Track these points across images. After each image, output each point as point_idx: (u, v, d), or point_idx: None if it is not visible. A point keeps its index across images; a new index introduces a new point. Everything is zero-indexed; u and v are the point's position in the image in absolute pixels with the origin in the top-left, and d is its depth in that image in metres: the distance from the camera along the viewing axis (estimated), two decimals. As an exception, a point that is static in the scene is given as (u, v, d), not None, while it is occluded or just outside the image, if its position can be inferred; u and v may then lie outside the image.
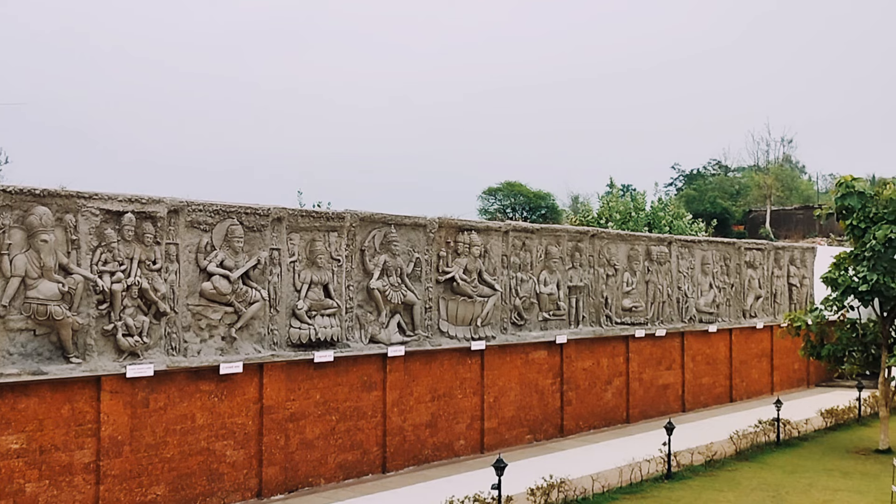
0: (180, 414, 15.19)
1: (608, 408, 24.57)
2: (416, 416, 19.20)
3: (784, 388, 32.34)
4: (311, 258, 17.19)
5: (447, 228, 19.90)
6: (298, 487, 16.90)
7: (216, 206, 15.72)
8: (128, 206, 14.47)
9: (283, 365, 16.65)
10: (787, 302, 32.61)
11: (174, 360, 14.98)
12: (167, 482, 14.91)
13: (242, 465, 16.04)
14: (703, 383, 28.37)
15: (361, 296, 18.13)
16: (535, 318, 22.15)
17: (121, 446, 14.28)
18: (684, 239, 28.05)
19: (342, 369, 17.75)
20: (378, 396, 18.46)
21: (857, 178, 21.68)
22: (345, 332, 17.72)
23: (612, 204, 45.74)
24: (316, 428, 17.26)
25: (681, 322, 27.25)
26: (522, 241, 21.84)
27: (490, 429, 20.87)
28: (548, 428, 22.57)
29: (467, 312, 20.24)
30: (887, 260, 20.99)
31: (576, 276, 23.39)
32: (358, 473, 18.00)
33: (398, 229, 18.76)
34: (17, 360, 13.22)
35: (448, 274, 19.79)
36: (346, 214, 17.81)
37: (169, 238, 15.05)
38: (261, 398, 16.34)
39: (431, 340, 19.41)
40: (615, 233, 25.30)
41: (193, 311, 15.37)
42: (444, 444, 19.82)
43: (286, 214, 16.79)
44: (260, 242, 16.37)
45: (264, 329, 16.37)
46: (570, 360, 23.19)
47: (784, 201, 70.06)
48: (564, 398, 23.00)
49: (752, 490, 17.63)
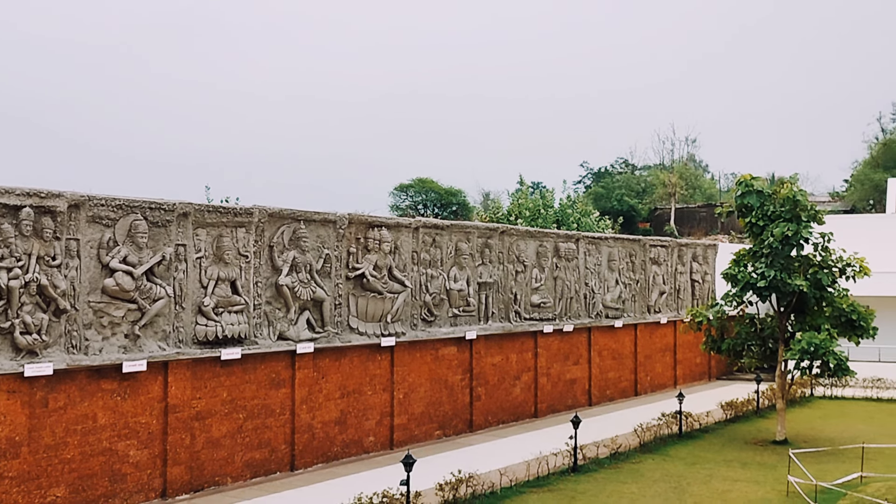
0: (81, 414, 14.80)
1: (517, 403, 24.85)
2: (326, 414, 19.10)
3: (687, 382, 33.21)
4: (218, 254, 16.93)
5: (357, 225, 19.83)
6: (204, 487, 16.64)
7: (119, 200, 15.34)
8: (26, 200, 14.02)
9: (188, 363, 16.37)
10: (690, 297, 33.49)
11: (75, 359, 14.58)
12: (67, 483, 14.51)
13: (146, 465, 15.71)
14: (609, 377, 28.93)
15: (270, 292, 17.94)
16: (445, 314, 22.25)
17: (18, 447, 13.84)
18: (592, 236, 28.55)
19: (250, 367, 17.54)
20: (287, 394, 18.30)
21: (756, 178, 22.38)
22: (253, 329, 17.51)
23: (521, 201, 46.25)
24: (223, 426, 17.02)
25: (588, 318, 27.72)
26: (433, 238, 21.91)
27: (400, 425, 20.89)
28: (457, 423, 22.71)
29: (377, 309, 20.21)
30: (784, 257, 21.73)
31: (485, 273, 23.57)
32: (266, 472, 17.81)
33: (308, 225, 18.62)
34: None
35: (358, 270, 19.73)
36: (254, 210, 17.60)
37: (69, 233, 14.62)
38: (165, 397, 16.03)
39: (341, 337, 19.33)
40: (524, 230, 25.58)
41: (95, 308, 14.98)
42: (354, 441, 19.76)
43: (192, 210, 16.49)
44: (165, 238, 16.04)
45: (169, 326, 16.06)
46: (479, 355, 23.37)
47: (688, 199, 71.87)
48: (474, 394, 23.16)
49: (655, 481, 18.07)
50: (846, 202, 65.72)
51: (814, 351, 20.98)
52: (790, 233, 21.33)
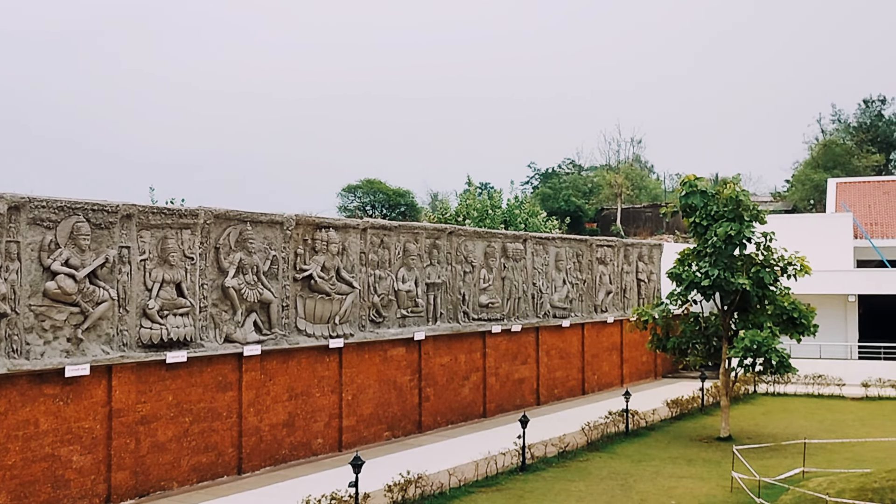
0: (22, 419, 14.51)
1: (466, 403, 24.92)
2: (273, 416, 18.96)
3: (633, 380, 33.59)
4: (163, 256, 16.73)
5: (305, 226, 19.72)
6: (150, 492, 16.43)
7: (61, 202, 15.07)
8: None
9: (133, 366, 16.14)
10: (636, 297, 33.88)
11: (15, 363, 14.29)
12: (9, 490, 14.22)
13: (90, 470, 15.46)
14: (556, 377, 29.14)
15: (216, 294, 17.77)
16: (393, 315, 22.23)
17: (-44, 455, 13.53)
18: (539, 236, 28.74)
19: (196, 370, 17.35)
20: (233, 397, 18.14)
21: (700, 178, 22.71)
22: (199, 331, 17.32)
23: (469, 202, 46.35)
24: (168, 430, 16.81)
25: (535, 317, 27.89)
26: (381, 239, 21.87)
27: (348, 427, 20.83)
28: (406, 424, 22.70)
29: (325, 310, 20.13)
30: (727, 256, 22.09)
31: (434, 273, 23.60)
32: (213, 475, 17.64)
33: (254, 226, 18.48)
34: None
35: (305, 272, 19.63)
36: (199, 211, 17.41)
37: (9, 236, 14.33)
38: (109, 401, 15.80)
39: (289, 339, 19.21)
40: (472, 230, 25.67)
41: (36, 311, 14.70)
42: (302, 444, 19.65)
43: (136, 211, 16.27)
44: (108, 240, 15.80)
45: (113, 330, 15.82)
46: (428, 356, 23.39)
47: (634, 199, 72.66)
48: (423, 394, 23.18)
49: (602, 479, 18.26)
50: (787, 202, 66.99)
51: (756, 348, 21.34)
52: (733, 232, 21.69)
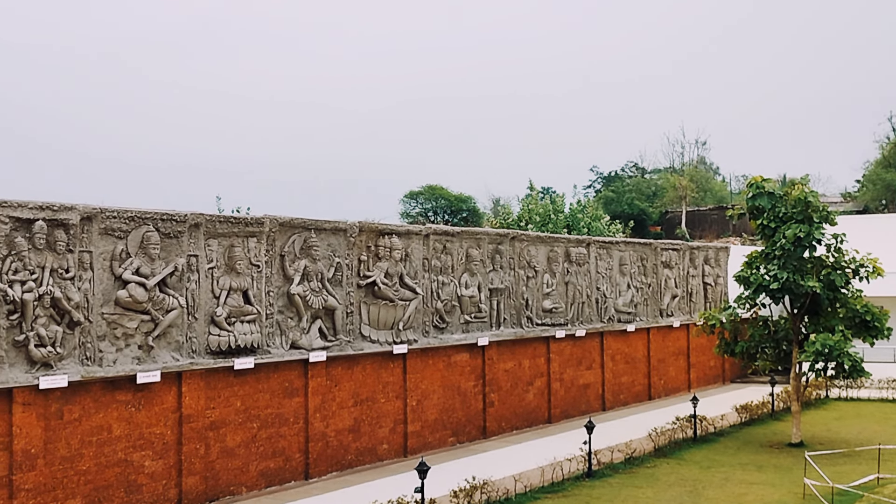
0: (96, 425, 14.86)
1: (530, 408, 24.81)
2: (339, 422, 19.11)
3: (701, 385, 33.09)
4: (230, 264, 16.99)
5: (368, 232, 19.86)
6: (220, 496, 16.67)
7: (131, 212, 15.41)
8: (38, 213, 14.10)
9: (202, 373, 16.41)
10: (703, 301, 33.39)
11: (89, 371, 14.65)
12: (83, 495, 14.56)
13: (161, 475, 15.76)
14: (622, 382, 28.86)
15: (282, 301, 17.98)
16: (456, 320, 22.25)
17: (34, 459, 13.90)
18: (602, 240, 28.51)
19: (263, 376, 17.57)
20: (300, 402, 18.32)
21: (767, 179, 22.32)
22: (265, 338, 17.54)
23: (531, 206, 46.21)
24: (237, 436, 17.05)
25: (600, 322, 27.67)
26: (443, 245, 21.92)
27: (413, 432, 20.89)
28: (471, 430, 22.69)
29: (389, 316, 20.23)
30: (796, 258, 21.66)
31: (496, 279, 23.57)
32: (280, 481, 17.84)
33: (318, 234, 18.67)
34: (-77, 374, 12.76)
35: (369, 278, 19.76)
36: (265, 220, 17.65)
37: (82, 246, 14.70)
38: (180, 407, 16.08)
39: (353, 345, 19.35)
40: (535, 235, 25.58)
41: (109, 319, 15.04)
42: (368, 449, 19.77)
43: (204, 220, 16.55)
44: (177, 249, 16.11)
45: (182, 337, 16.12)
46: (491, 361, 23.36)
47: (699, 202, 71.75)
48: (487, 400, 23.15)
49: (670, 486, 18.02)
50: (858, 202, 65.50)
51: (828, 352, 20.90)
52: (802, 234, 21.27)
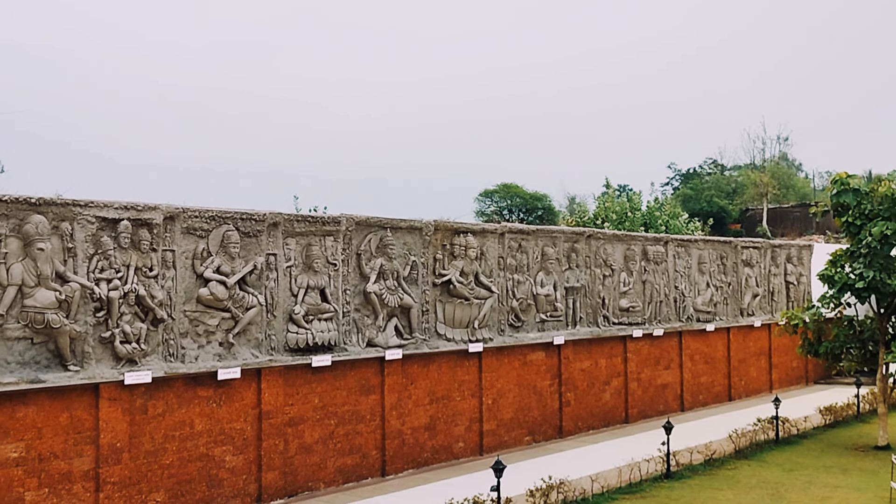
0: (179, 420, 15.20)
1: (607, 408, 24.59)
2: (415, 419, 19.21)
3: (783, 386, 32.37)
4: (307, 263, 17.21)
5: (443, 231, 19.92)
6: (298, 492, 16.91)
7: (212, 211, 15.73)
8: (123, 213, 14.49)
9: (280, 370, 16.67)
10: (785, 300, 32.65)
11: (172, 367, 15.00)
12: (167, 489, 14.92)
13: (242, 470, 16.05)
14: (701, 382, 28.40)
15: (358, 300, 18.15)
16: (532, 319, 22.17)
17: (120, 453, 14.29)
18: (681, 238, 28.10)
19: (340, 373, 17.76)
20: (376, 400, 18.47)
21: (852, 175, 21.72)
22: (342, 336, 17.73)
23: (608, 204, 45.77)
24: (315, 432, 17.27)
25: (678, 321, 27.28)
26: (519, 243, 21.86)
27: (489, 431, 20.88)
28: (547, 429, 22.59)
29: (464, 315, 20.26)
30: (883, 256, 21.04)
31: (572, 277, 23.42)
32: (357, 477, 18.01)
33: (394, 233, 18.78)
34: (15, 369, 13.23)
35: (444, 277, 19.82)
36: (342, 219, 17.84)
37: (165, 244, 15.06)
38: (259, 403, 16.35)
39: (429, 343, 19.43)
40: (611, 233, 25.33)
41: (191, 317, 15.38)
42: (443, 447, 19.83)
43: (282, 219, 16.80)
44: (256, 248, 16.39)
45: (261, 334, 16.39)
46: (567, 361, 23.22)
47: (780, 199, 70.14)
48: (563, 399, 23.01)
49: (752, 488, 17.66)
50: (949, 199, 63.19)
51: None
52: (889, 232, 20.63)
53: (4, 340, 13.15)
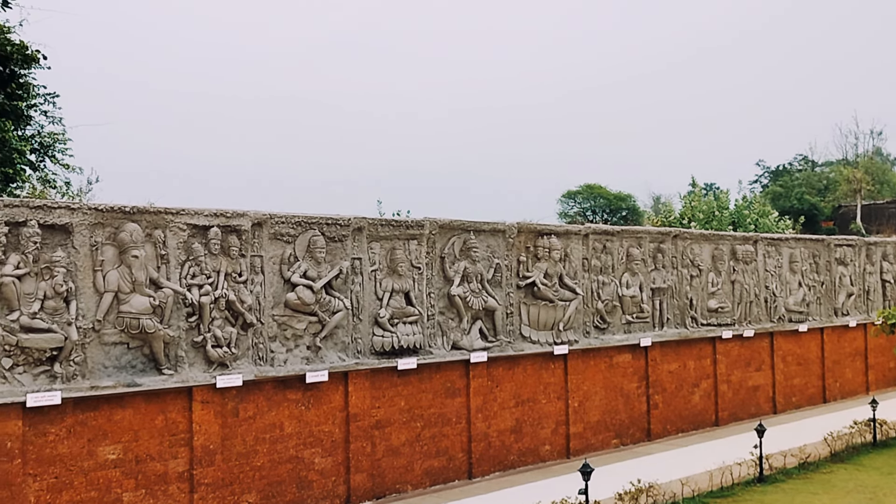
0: (269, 423, 15.49)
1: (696, 411, 24.17)
2: (501, 422, 19.19)
3: (880, 388, 31.34)
4: (391, 266, 17.35)
5: (526, 233, 19.86)
6: (386, 494, 17.05)
7: (298, 217, 16.00)
8: (213, 220, 14.84)
9: (367, 373, 16.84)
10: (881, 299, 31.60)
11: (262, 370, 15.29)
12: (258, 490, 15.21)
13: (331, 472, 16.26)
14: (794, 384, 27.69)
15: (443, 303, 18.22)
16: (618, 321, 21.95)
17: (213, 455, 14.62)
18: (771, 237, 27.45)
19: (425, 376, 17.86)
20: (462, 402, 18.51)
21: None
22: (427, 339, 17.82)
23: (694, 204, 45.01)
24: (401, 435, 17.40)
25: (769, 322, 26.66)
26: (603, 244, 21.67)
27: (575, 433, 20.73)
28: (634, 432, 22.31)
29: (549, 317, 20.16)
30: None
31: (659, 278, 23.10)
32: (444, 479, 18.07)
33: (477, 235, 18.81)
34: (113, 373, 13.67)
35: (528, 279, 19.75)
36: (425, 222, 17.94)
37: (254, 250, 15.37)
38: (346, 406, 16.55)
39: (513, 346, 19.39)
40: (698, 233, 24.91)
41: (279, 321, 15.66)
42: (530, 450, 19.76)
43: (366, 224, 16.99)
44: (341, 252, 16.60)
45: (348, 338, 16.59)
46: (655, 363, 22.90)
47: (875, 195, 68.00)
48: (651, 402, 22.71)
49: (848, 492, 17.15)
50: None
51: None
52: None
53: (102, 345, 13.61)
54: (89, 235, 13.57)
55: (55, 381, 13.09)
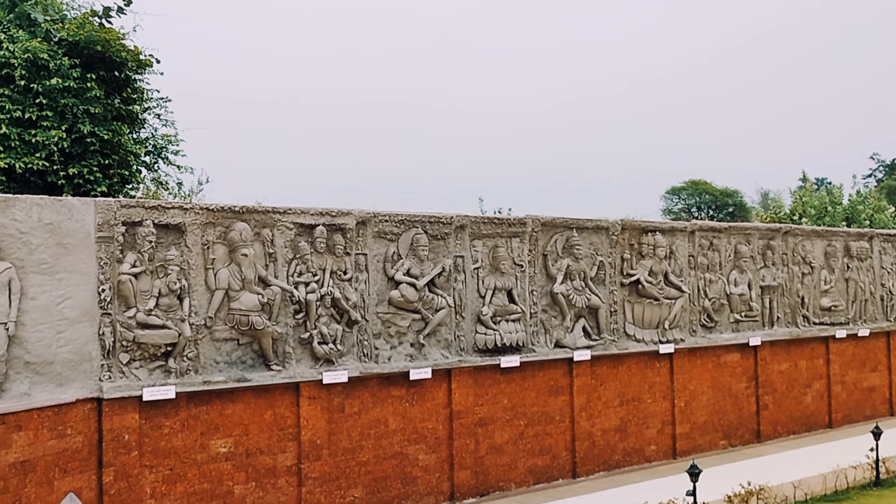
0: (374, 419, 15.67)
1: (808, 412, 23.44)
2: (605, 421, 18.98)
3: None
4: (494, 264, 17.35)
5: (630, 230, 19.60)
6: (490, 491, 17.06)
7: (401, 216, 16.15)
8: (319, 219, 15.11)
9: (470, 370, 16.88)
10: None
11: (366, 367, 15.49)
12: (364, 485, 15.41)
13: (434, 468, 16.36)
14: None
15: (545, 300, 18.13)
16: (725, 319, 21.46)
17: (320, 450, 14.89)
18: (887, 233, 26.40)
19: (528, 374, 17.79)
20: (565, 401, 18.38)
21: None
22: (530, 336, 17.76)
23: (805, 199, 43.61)
24: (505, 433, 17.38)
25: (886, 321, 25.65)
26: (710, 241, 21.22)
27: (682, 434, 20.35)
28: (743, 433, 21.78)
29: (654, 315, 19.85)
30: None
31: (768, 276, 22.49)
32: (548, 478, 17.98)
33: (580, 233, 18.65)
34: (224, 368, 14.06)
35: (632, 276, 19.49)
36: (527, 220, 17.88)
37: (358, 248, 15.59)
38: (450, 403, 16.62)
39: (618, 344, 19.16)
40: (810, 229, 24.14)
41: (383, 318, 15.84)
42: (635, 450, 19.49)
43: (469, 222, 17.03)
44: (444, 250, 16.68)
45: (451, 335, 16.66)
46: (764, 362, 22.30)
47: None
48: (760, 402, 22.12)
49: (974, 500, 16.39)
50: None
51: None
52: None
53: (213, 341, 14.01)
54: (201, 234, 13.98)
55: (169, 375, 13.54)
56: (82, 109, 16.48)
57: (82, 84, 16.46)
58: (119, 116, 17.81)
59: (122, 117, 17.97)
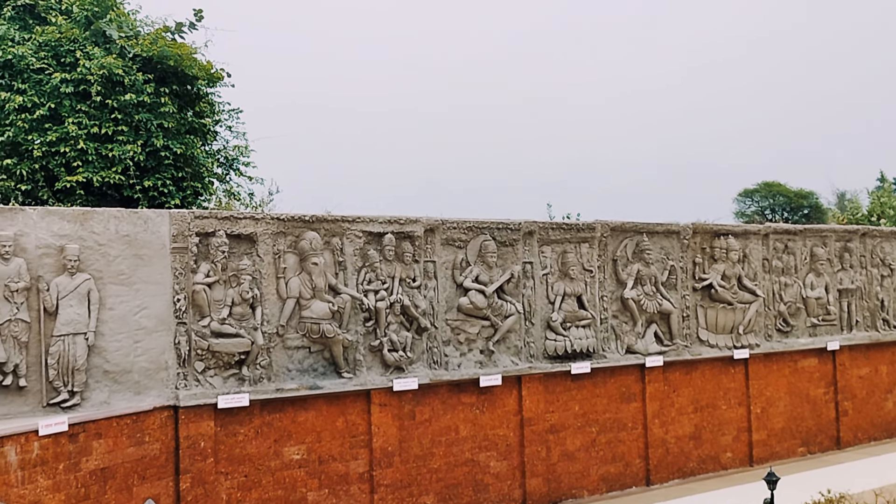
0: (444, 426, 15.68)
1: (889, 418, 22.76)
2: (679, 428, 18.70)
3: None
4: (563, 270, 17.24)
5: (702, 234, 19.30)
6: (562, 499, 16.93)
7: (469, 222, 16.15)
8: (387, 227, 15.20)
9: (540, 377, 16.78)
10: None
11: (436, 374, 15.52)
12: (435, 492, 15.42)
13: (506, 476, 16.30)
14: None
15: (616, 306, 17.95)
16: (802, 323, 20.98)
17: (391, 457, 14.95)
18: (971, 232, 25.52)
19: (599, 381, 17.63)
20: (637, 408, 18.16)
21: None
22: (600, 342, 17.60)
23: (883, 200, 42.49)
24: (576, 440, 17.24)
25: (971, 324, 24.79)
26: (784, 244, 20.77)
27: (758, 441, 19.94)
28: (822, 440, 21.24)
29: (727, 320, 19.50)
30: None
31: (846, 279, 21.92)
32: (621, 486, 17.77)
33: (650, 237, 18.43)
34: (296, 376, 14.23)
35: (705, 281, 19.18)
36: (596, 225, 17.73)
37: (426, 256, 15.64)
38: (520, 410, 16.55)
39: (691, 350, 18.87)
40: (889, 230, 23.47)
41: (452, 325, 15.85)
42: (710, 457, 19.15)
43: (537, 228, 16.96)
44: (512, 256, 16.63)
45: (520, 342, 16.59)
46: (843, 367, 21.73)
47: None
48: (840, 408, 21.56)
49: None
50: None
51: None
52: None
53: (285, 349, 14.18)
54: (272, 244, 14.18)
55: (243, 383, 13.75)
56: (156, 124, 16.89)
57: (156, 99, 16.87)
58: (192, 130, 18.21)
59: (195, 131, 18.36)
